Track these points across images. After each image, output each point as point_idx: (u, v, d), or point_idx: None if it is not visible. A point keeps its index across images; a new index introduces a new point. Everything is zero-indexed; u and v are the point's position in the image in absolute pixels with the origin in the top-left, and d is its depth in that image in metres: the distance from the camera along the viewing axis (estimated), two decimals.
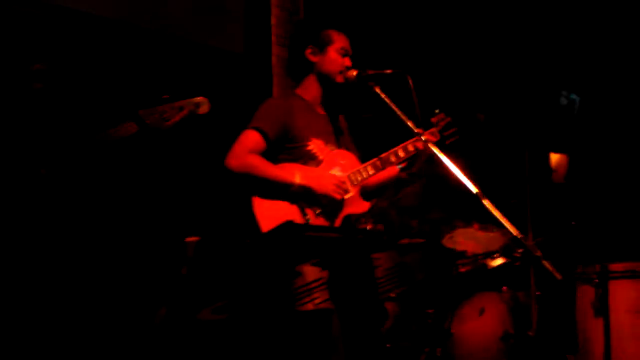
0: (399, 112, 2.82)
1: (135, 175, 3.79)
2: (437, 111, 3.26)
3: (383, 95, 2.89)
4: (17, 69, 3.26)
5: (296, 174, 2.87)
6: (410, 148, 3.08)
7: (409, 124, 2.79)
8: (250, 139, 2.93)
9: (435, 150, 2.70)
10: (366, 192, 3.15)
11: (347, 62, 3.12)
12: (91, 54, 3.91)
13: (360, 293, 2.78)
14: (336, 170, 3.01)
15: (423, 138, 2.81)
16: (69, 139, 2.47)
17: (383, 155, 3.08)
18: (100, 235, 3.40)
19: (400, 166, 3.19)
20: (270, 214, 2.78)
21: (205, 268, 3.19)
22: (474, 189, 2.51)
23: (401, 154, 3.09)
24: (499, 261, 3.52)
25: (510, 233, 2.44)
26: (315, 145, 3.02)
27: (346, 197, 2.95)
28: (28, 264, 2.88)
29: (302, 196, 2.87)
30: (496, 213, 2.49)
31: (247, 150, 2.89)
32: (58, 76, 3.37)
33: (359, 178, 3.02)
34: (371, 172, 3.04)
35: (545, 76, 5.87)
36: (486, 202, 2.50)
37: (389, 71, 2.96)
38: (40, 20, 3.73)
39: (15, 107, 3.21)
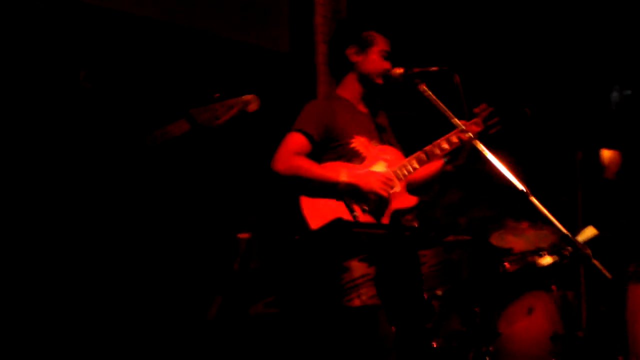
0: (446, 110, 2.80)
1: (188, 173, 3.86)
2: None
3: (429, 93, 2.87)
4: (68, 70, 3.35)
5: (342, 172, 2.89)
6: (454, 139, 3.05)
7: (456, 120, 2.77)
8: (295, 141, 2.98)
9: (480, 146, 2.66)
10: (413, 187, 3.14)
11: (387, 64, 3.13)
12: (142, 55, 4.00)
13: (406, 289, 2.77)
14: (381, 165, 3.02)
15: (465, 129, 2.79)
16: (122, 138, 2.54)
17: (427, 147, 3.07)
18: (153, 232, 3.46)
19: (445, 159, 3.17)
20: (318, 212, 2.82)
21: (257, 263, 3.23)
22: (520, 186, 2.48)
23: (445, 145, 3.07)
24: (547, 260, 3.46)
25: (560, 231, 2.41)
26: (358, 143, 3.05)
27: (392, 192, 2.95)
28: (86, 260, 2.96)
29: (349, 194, 2.88)
30: (544, 210, 2.46)
31: (292, 153, 2.94)
32: (109, 77, 3.45)
33: (405, 172, 3.02)
34: (416, 165, 3.03)
35: (597, 70, 5.74)
36: (533, 200, 2.47)
37: (435, 68, 2.95)
38: (92, 22, 3.82)
39: (68, 106, 3.31)
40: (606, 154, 5.87)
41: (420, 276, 2.84)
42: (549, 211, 2.52)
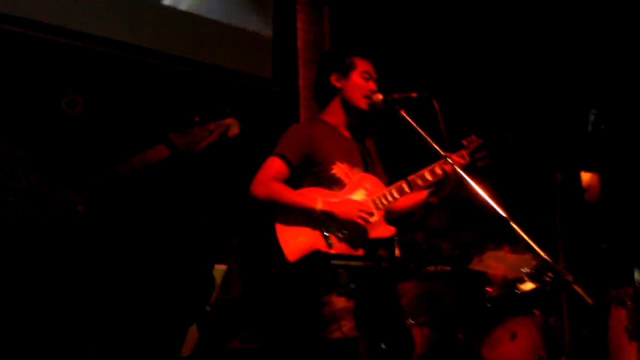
0: (425, 136, 2.81)
1: (164, 200, 3.83)
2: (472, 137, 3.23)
3: (409, 119, 2.88)
4: (51, 97, 3.32)
5: (318, 200, 2.86)
6: (438, 171, 3.05)
7: (436, 147, 2.78)
8: (274, 166, 2.96)
9: (462, 174, 2.69)
10: (392, 217, 3.13)
11: (372, 85, 3.13)
12: (122, 82, 3.99)
13: (386, 321, 2.75)
14: (360, 194, 3.00)
15: (451, 161, 2.80)
16: (101, 165, 2.48)
17: (410, 177, 3.05)
18: (127, 261, 3.41)
19: (429, 190, 3.16)
20: (293, 240, 2.79)
21: (236, 293, 3.19)
22: (501, 213, 2.49)
23: (428, 176, 3.06)
24: (529, 286, 3.47)
25: (541, 257, 2.41)
26: (339, 170, 3.03)
27: (371, 220, 2.93)
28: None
29: (325, 222, 2.86)
30: (525, 236, 2.46)
31: (270, 178, 2.91)
32: (91, 104, 3.43)
33: (384, 202, 3.00)
34: (396, 195, 3.02)
35: (575, 94, 5.82)
36: (514, 226, 2.47)
37: (414, 94, 2.96)
38: (74, 49, 3.82)
39: (51, 133, 3.27)
40: (585, 176, 5.94)
41: (400, 308, 2.81)
42: (530, 236, 2.53)
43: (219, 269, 3.09)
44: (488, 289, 3.62)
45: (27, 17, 3.59)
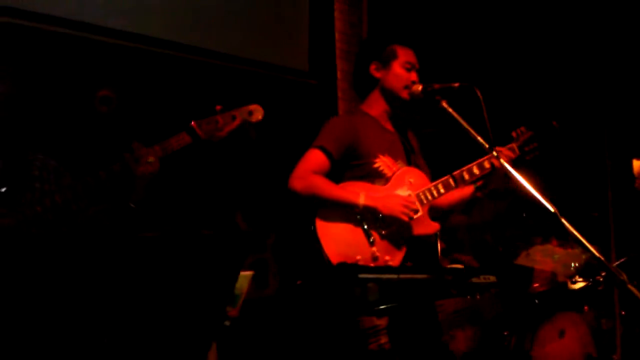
0: (469, 128, 2.69)
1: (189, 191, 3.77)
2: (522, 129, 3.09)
3: (450, 110, 2.77)
4: (83, 94, 3.31)
5: (361, 195, 2.77)
6: (487, 165, 2.93)
7: (481, 140, 2.67)
8: (314, 158, 2.86)
9: (509, 168, 2.58)
10: (437, 213, 3.02)
11: (413, 76, 3.01)
12: (158, 77, 3.96)
13: (421, 337, 2.61)
14: (404, 189, 2.90)
15: (496, 154, 2.69)
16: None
17: (456, 172, 2.95)
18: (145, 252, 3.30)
19: (476, 185, 3.05)
20: (334, 236, 2.70)
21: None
22: (550, 208, 2.37)
23: (476, 171, 2.96)
24: (579, 284, 3.33)
25: (593, 254, 2.29)
26: (382, 163, 2.93)
27: (415, 217, 2.83)
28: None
29: (367, 218, 2.77)
30: (575, 232, 2.34)
31: (310, 171, 2.81)
32: (124, 100, 3.41)
33: (429, 197, 2.90)
34: (442, 190, 2.91)
35: (626, 77, 5.58)
36: (564, 221, 2.35)
37: (456, 85, 2.83)
38: (106, 45, 3.80)
39: (83, 130, 3.25)
40: (637, 164, 5.70)
41: (437, 325, 2.66)
42: (580, 230, 2.40)
43: (245, 275, 2.98)
44: (535, 284, 3.50)
45: (48, 13, 3.57)
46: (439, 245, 3.45)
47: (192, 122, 2.51)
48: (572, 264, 3.61)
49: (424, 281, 2.12)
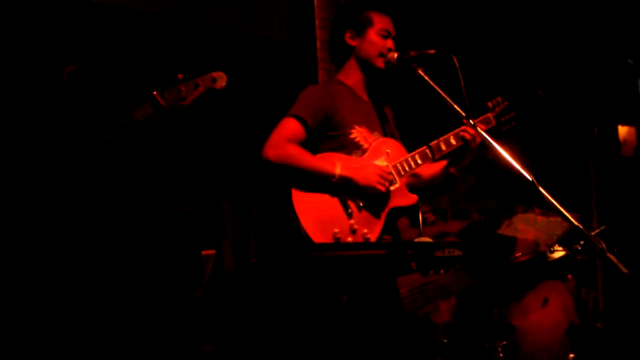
0: (445, 97, 2.64)
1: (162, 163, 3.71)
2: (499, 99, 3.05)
3: (427, 78, 2.71)
4: (51, 69, 3.22)
5: (337, 165, 2.71)
6: (465, 135, 2.88)
7: (458, 109, 2.62)
8: (289, 127, 2.78)
9: (487, 137, 2.54)
10: (415, 185, 2.97)
11: (389, 44, 2.94)
12: (129, 48, 3.86)
13: (380, 314, 2.52)
14: (381, 159, 2.84)
15: (473, 123, 2.65)
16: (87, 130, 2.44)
17: (432, 143, 2.90)
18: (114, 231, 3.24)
19: (448, 160, 2.99)
20: (310, 207, 2.64)
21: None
22: (528, 177, 2.34)
23: (453, 141, 2.91)
24: (559, 253, 3.30)
25: (571, 223, 2.26)
26: (358, 134, 2.87)
27: (392, 188, 2.78)
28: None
29: (344, 188, 2.71)
30: (553, 201, 2.31)
31: (285, 140, 2.73)
32: (93, 75, 3.32)
33: (406, 168, 2.85)
34: (419, 161, 2.86)
35: (608, 43, 5.51)
36: (542, 190, 2.32)
37: (432, 51, 2.77)
38: (76, 17, 3.69)
39: (52, 107, 3.17)
40: (623, 130, 5.67)
41: (398, 301, 2.58)
42: (563, 196, 2.38)
43: (207, 255, 2.93)
44: (517, 253, 3.47)
45: None
46: (420, 217, 3.42)
47: (154, 92, 2.47)
48: (555, 232, 3.58)
49: (381, 257, 2.06)
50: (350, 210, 2.71)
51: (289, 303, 2.39)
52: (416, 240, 2.22)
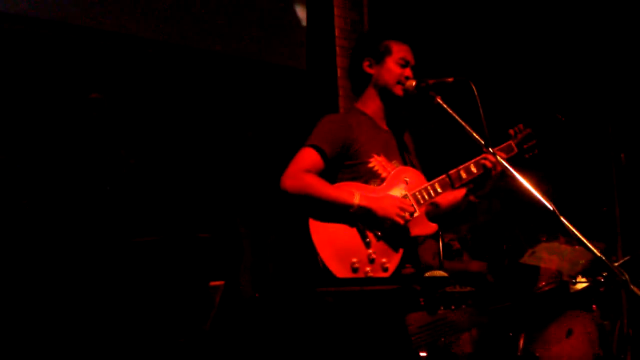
0: (464, 125, 2.62)
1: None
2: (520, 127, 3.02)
3: (445, 106, 2.69)
4: (74, 98, 3.27)
5: (356, 195, 2.68)
6: (486, 163, 2.84)
7: (477, 137, 2.59)
8: (307, 157, 2.77)
9: (507, 165, 2.51)
10: (435, 213, 2.93)
11: (408, 72, 2.93)
12: (154, 79, 3.92)
13: (387, 352, 2.45)
14: (400, 188, 2.82)
15: (493, 151, 2.62)
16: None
17: (452, 171, 2.87)
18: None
19: (467, 188, 2.95)
20: (328, 237, 2.62)
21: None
22: (549, 206, 2.30)
23: (473, 169, 2.87)
24: (582, 285, 3.23)
25: (594, 254, 2.21)
26: (377, 162, 2.84)
27: (410, 218, 2.75)
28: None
29: (362, 218, 2.69)
30: (575, 230, 2.26)
31: (303, 170, 2.72)
32: (116, 104, 3.36)
33: (426, 196, 2.81)
34: (439, 189, 2.83)
35: (635, 67, 5.45)
36: (564, 220, 2.28)
37: (450, 79, 2.75)
38: (103, 48, 3.75)
39: (75, 134, 3.22)
40: None
41: (407, 339, 2.51)
42: (587, 225, 2.33)
43: (215, 286, 2.89)
44: (540, 283, 3.40)
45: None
46: (440, 246, 3.38)
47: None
48: (579, 262, 3.51)
49: (388, 293, 2.01)
50: (368, 239, 2.68)
51: (295, 339, 2.34)
52: (427, 274, 2.17)
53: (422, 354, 2.56)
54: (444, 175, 2.86)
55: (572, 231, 2.25)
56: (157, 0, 3.96)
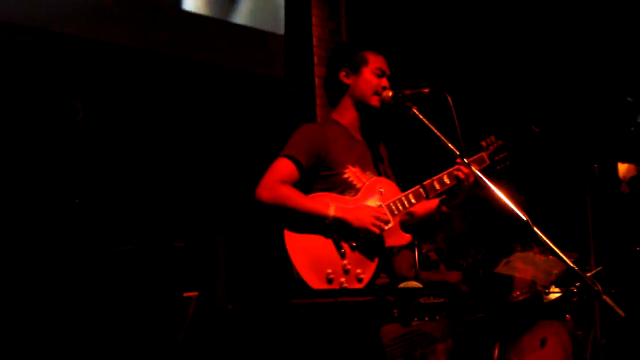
0: (439, 135, 2.64)
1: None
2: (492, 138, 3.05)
3: (421, 117, 2.71)
4: (54, 104, 3.24)
5: (331, 206, 2.68)
6: (459, 175, 2.87)
7: (451, 147, 2.61)
8: (283, 168, 2.76)
9: (481, 175, 2.54)
10: (409, 223, 2.95)
11: (384, 82, 2.94)
12: (133, 86, 3.90)
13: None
14: (375, 199, 2.82)
15: (469, 162, 2.65)
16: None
17: (426, 182, 2.88)
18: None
19: (440, 199, 2.98)
20: (303, 248, 2.61)
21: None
22: (523, 216, 2.32)
23: (447, 180, 2.90)
24: (555, 295, 3.26)
25: (567, 264, 2.23)
26: (352, 173, 2.85)
27: (386, 228, 2.75)
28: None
29: (337, 229, 2.69)
30: (548, 241, 2.29)
31: (278, 180, 2.71)
32: (98, 109, 3.33)
33: (400, 207, 2.82)
34: (413, 200, 2.84)
35: (608, 80, 5.54)
36: (537, 230, 2.30)
37: (426, 90, 2.77)
38: (81, 55, 3.73)
39: (56, 139, 3.19)
40: (623, 167, 5.65)
41: (381, 351, 2.51)
42: (561, 235, 2.35)
43: (189, 297, 2.87)
44: (515, 293, 3.42)
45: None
46: (416, 257, 3.39)
47: None
48: (553, 272, 3.53)
49: (362, 304, 2.01)
50: (343, 250, 2.68)
51: (269, 351, 2.33)
52: (401, 285, 2.18)
53: None
54: (417, 187, 2.88)
55: (545, 241, 2.28)
56: (126, 7, 3.93)
